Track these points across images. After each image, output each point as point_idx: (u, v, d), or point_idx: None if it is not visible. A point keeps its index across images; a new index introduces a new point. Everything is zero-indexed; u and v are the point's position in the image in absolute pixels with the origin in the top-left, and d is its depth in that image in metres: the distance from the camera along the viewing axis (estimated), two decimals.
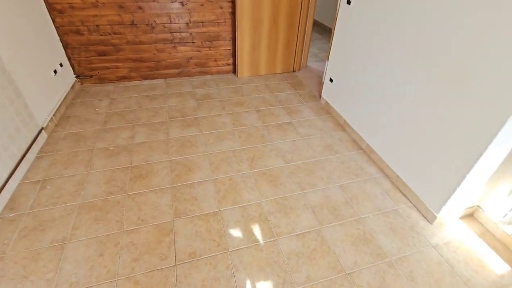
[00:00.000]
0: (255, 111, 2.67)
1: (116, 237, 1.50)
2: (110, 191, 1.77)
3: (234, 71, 3.41)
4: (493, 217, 1.61)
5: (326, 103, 2.76)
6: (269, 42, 3.16)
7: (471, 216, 1.73)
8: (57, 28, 2.61)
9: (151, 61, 3.06)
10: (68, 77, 2.76)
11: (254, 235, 1.55)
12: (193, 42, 3.07)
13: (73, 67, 2.86)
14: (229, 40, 3.17)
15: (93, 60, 2.88)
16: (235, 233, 1.56)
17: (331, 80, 2.63)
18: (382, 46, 1.90)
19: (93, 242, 1.47)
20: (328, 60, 2.64)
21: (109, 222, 1.58)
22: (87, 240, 1.48)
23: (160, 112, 2.59)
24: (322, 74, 3.44)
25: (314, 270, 1.40)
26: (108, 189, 1.78)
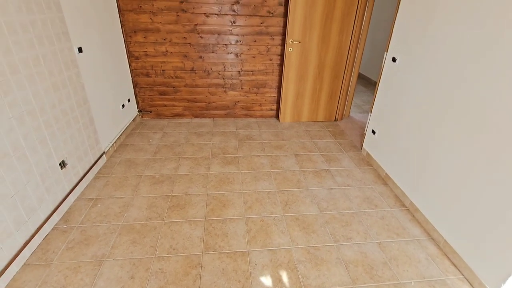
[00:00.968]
0: (294, 156, 2.72)
1: (148, 262, 1.56)
2: (150, 217, 1.88)
3: (277, 116, 3.58)
4: None
5: (368, 154, 2.71)
6: (313, 92, 3.31)
7: None
8: (132, 71, 3.10)
9: (203, 102, 3.39)
10: (132, 111, 3.17)
11: (281, 283, 1.49)
12: (242, 88, 3.36)
13: (138, 103, 3.29)
14: (275, 88, 3.41)
15: (155, 98, 3.30)
16: (261, 278, 1.51)
17: (373, 132, 2.60)
18: (428, 103, 1.88)
19: (127, 264, 1.55)
20: (371, 112, 2.66)
21: (144, 246, 1.66)
22: (122, 261, 1.56)
23: (204, 148, 2.78)
24: (365, 126, 3.42)
25: None
26: (148, 214, 1.90)
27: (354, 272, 1.57)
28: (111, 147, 2.58)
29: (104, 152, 2.45)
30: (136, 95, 3.24)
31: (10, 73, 1.45)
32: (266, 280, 1.50)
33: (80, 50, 2.10)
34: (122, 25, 2.86)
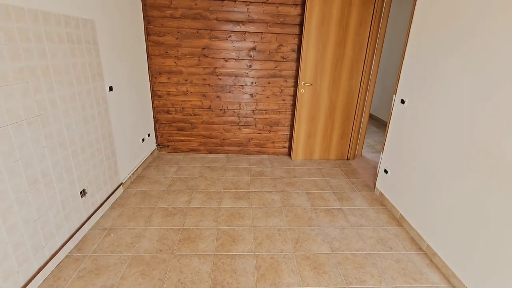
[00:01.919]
0: (305, 193, 2.72)
1: None
2: (160, 249, 1.89)
3: (289, 154, 3.65)
4: None
5: (381, 194, 2.67)
6: (325, 132, 3.40)
7: None
8: (154, 108, 3.33)
9: (218, 138, 3.53)
10: (151, 145, 3.33)
11: None
12: (256, 126, 3.50)
13: (156, 138, 3.47)
14: (288, 127, 3.53)
15: (173, 134, 3.47)
16: None
17: (386, 172, 2.60)
18: (439, 143, 1.91)
19: None
20: (383, 152, 2.68)
21: (152, 279, 1.65)
22: None
23: (217, 183, 2.83)
24: (377, 165, 3.41)
25: None
26: (159, 246, 1.91)
27: None
28: (129, 179, 2.69)
29: (122, 183, 2.55)
30: (156, 130, 3.44)
31: (50, 108, 1.63)
32: None
33: (111, 89, 2.32)
34: (149, 68, 3.16)
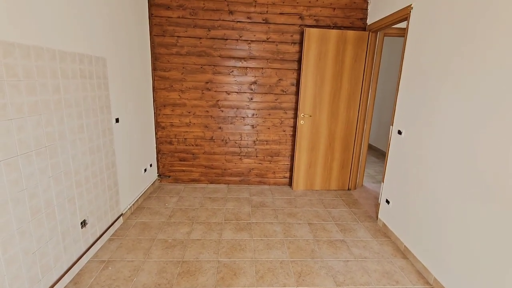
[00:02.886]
0: (307, 224, 2.68)
1: None
2: (159, 283, 1.83)
3: (290, 184, 3.65)
4: None
5: (384, 225, 2.63)
6: (325, 162, 3.44)
7: None
8: (157, 139, 3.41)
9: (219, 169, 3.56)
10: (152, 175, 3.35)
11: None
12: (257, 156, 3.55)
13: (158, 168, 3.50)
14: (288, 157, 3.57)
15: (174, 164, 3.51)
16: None
17: (388, 202, 2.59)
18: (436, 172, 1.93)
19: None
20: (383, 182, 2.69)
21: None
22: None
23: (218, 214, 2.81)
24: (379, 195, 3.40)
25: None
26: (157, 280, 1.85)
27: None
28: (129, 209, 2.67)
29: (122, 214, 2.53)
30: (158, 161, 3.48)
31: (59, 139, 1.69)
32: None
33: (117, 120, 2.41)
34: (154, 100, 3.29)
